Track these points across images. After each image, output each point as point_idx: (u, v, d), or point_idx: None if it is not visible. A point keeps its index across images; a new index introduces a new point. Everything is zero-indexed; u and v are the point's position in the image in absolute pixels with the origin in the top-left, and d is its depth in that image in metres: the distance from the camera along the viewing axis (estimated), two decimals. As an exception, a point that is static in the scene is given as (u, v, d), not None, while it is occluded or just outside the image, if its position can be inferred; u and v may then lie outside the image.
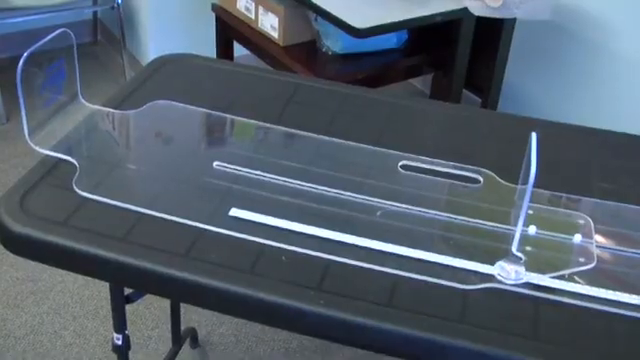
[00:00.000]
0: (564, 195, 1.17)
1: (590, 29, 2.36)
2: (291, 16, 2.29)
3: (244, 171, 1.16)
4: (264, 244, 1.02)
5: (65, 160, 1.16)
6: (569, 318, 0.95)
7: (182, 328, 1.87)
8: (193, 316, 2.01)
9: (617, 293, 0.98)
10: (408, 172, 1.20)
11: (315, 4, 2.06)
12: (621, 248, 1.08)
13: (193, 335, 1.93)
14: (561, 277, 1.00)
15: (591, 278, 1.01)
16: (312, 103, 1.37)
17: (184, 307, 1.94)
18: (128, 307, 1.41)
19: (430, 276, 0.98)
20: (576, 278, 1.01)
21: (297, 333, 1.01)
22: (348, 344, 0.96)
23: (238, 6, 2.45)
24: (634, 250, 1.07)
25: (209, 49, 2.62)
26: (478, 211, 1.12)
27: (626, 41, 2.27)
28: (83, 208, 1.07)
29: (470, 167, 1.21)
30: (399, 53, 2.38)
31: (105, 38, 3.34)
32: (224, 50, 2.63)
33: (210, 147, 1.24)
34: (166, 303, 1.97)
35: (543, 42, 2.54)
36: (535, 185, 1.10)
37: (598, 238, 1.09)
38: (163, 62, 1.47)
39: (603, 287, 0.99)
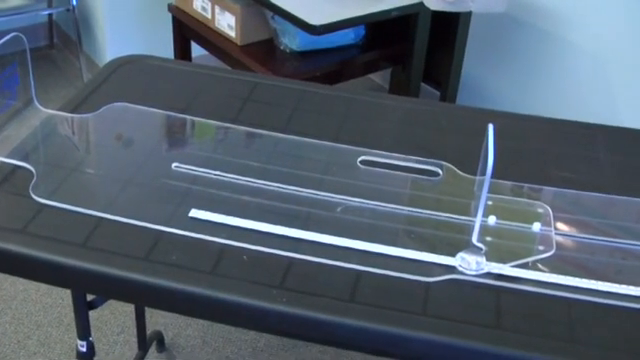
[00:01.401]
0: (525, 185, 1.18)
1: (545, 21, 2.39)
2: (248, 15, 2.28)
3: (203, 171, 1.16)
4: (225, 244, 1.01)
5: (21, 167, 1.14)
6: (530, 305, 0.96)
7: (148, 332, 1.86)
8: (159, 319, 2.00)
9: (577, 279, 1.00)
10: (368, 167, 1.20)
11: (271, 2, 2.06)
12: (580, 235, 1.09)
13: (159, 339, 1.92)
14: (521, 266, 1.01)
15: (551, 265, 1.02)
16: (270, 101, 1.36)
17: (150, 311, 1.93)
18: (93, 313, 1.40)
19: (392, 270, 0.99)
20: (537, 266, 1.02)
21: (261, 332, 1.01)
22: (312, 341, 0.96)
23: (194, 6, 2.44)
24: (593, 237, 1.09)
25: (167, 50, 2.60)
26: (439, 204, 1.13)
27: (580, 32, 2.30)
28: (41, 215, 1.05)
29: (430, 160, 1.22)
30: (357, 49, 2.39)
31: (61, 41, 3.30)
32: (182, 50, 2.62)
33: (168, 148, 1.23)
34: (131, 307, 1.95)
35: (500, 34, 2.56)
36: (495, 176, 1.12)
37: (559, 226, 1.10)
38: (120, 64, 1.46)
39: (563, 274, 1.01)
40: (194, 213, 1.06)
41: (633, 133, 1.35)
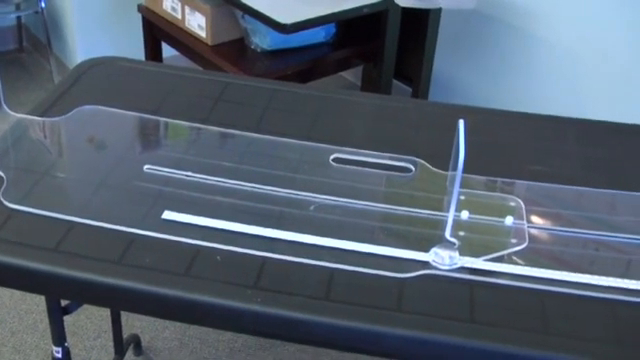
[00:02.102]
0: (497, 179, 1.18)
1: (514, 16, 2.41)
2: (218, 15, 2.27)
3: (175, 173, 1.15)
4: (198, 245, 1.01)
5: (-10, 172, 1.13)
6: (504, 298, 0.96)
7: (125, 336, 1.84)
8: (136, 323, 1.99)
9: (550, 271, 1.01)
10: (340, 165, 1.20)
11: (241, 2, 2.05)
12: (553, 227, 1.10)
13: (136, 342, 1.90)
14: (495, 259, 1.02)
15: (524, 258, 1.03)
16: (241, 101, 1.36)
17: (126, 314, 1.92)
18: (68, 318, 1.39)
19: (366, 267, 0.99)
20: (510, 259, 1.03)
21: (237, 333, 1.01)
22: (288, 340, 0.96)
23: (164, 6, 2.42)
24: (566, 229, 1.10)
25: (138, 50, 2.58)
26: (412, 200, 1.13)
27: (548, 27, 2.32)
28: (12, 220, 1.04)
29: (402, 157, 1.22)
30: (328, 47, 2.39)
31: (31, 44, 3.26)
32: (152, 51, 2.60)
33: (140, 150, 1.22)
34: (107, 312, 1.94)
35: (470, 30, 2.57)
36: (467, 171, 1.12)
37: (531, 219, 1.11)
38: (89, 66, 1.44)
39: (536, 266, 1.01)
40: (167, 215, 1.06)
41: (602, 126, 1.36)
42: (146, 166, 1.16)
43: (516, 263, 1.02)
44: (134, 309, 1.03)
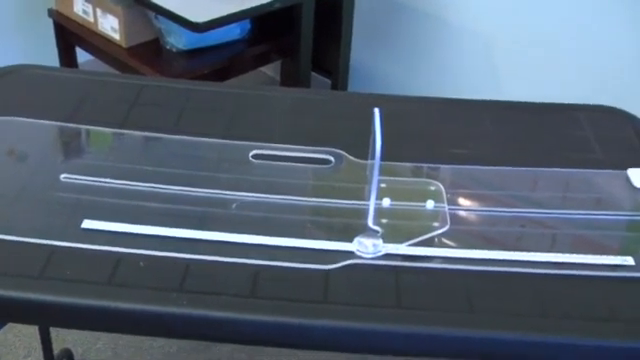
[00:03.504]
0: (419, 165, 1.20)
1: (428, 3, 2.44)
2: (131, 16, 2.24)
3: (93, 180, 1.13)
4: (120, 252, 0.99)
5: None
6: (429, 282, 0.98)
7: (56, 352, 1.80)
8: (67, 337, 1.95)
9: (473, 251, 1.02)
10: (260, 161, 1.20)
11: (152, 2, 2.02)
12: (475, 208, 1.12)
13: (69, 356, 1.87)
14: (418, 244, 1.03)
15: (448, 240, 1.05)
16: (157, 103, 1.34)
17: (57, 329, 1.87)
18: (-7, 338, 1.35)
19: (291, 261, 0.99)
20: (433, 242, 1.04)
21: (167, 337, 1.00)
22: (217, 341, 0.95)
23: (75, 9, 2.37)
24: (488, 208, 1.12)
25: (53, 57, 2.53)
26: (334, 191, 1.14)
27: (459, 13, 2.36)
28: None
29: (321, 149, 1.22)
30: (244, 43, 2.38)
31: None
32: (67, 57, 2.55)
33: (56, 160, 1.19)
34: (37, 328, 1.89)
35: (385, 19, 2.60)
36: (390, 158, 1.14)
37: (454, 201, 1.12)
38: (0, 75, 1.40)
39: (460, 247, 1.03)
40: (87, 224, 1.04)
41: (518, 106, 1.39)
42: (63, 175, 1.14)
43: (440, 246, 1.04)
44: (60, 323, 1.01)
